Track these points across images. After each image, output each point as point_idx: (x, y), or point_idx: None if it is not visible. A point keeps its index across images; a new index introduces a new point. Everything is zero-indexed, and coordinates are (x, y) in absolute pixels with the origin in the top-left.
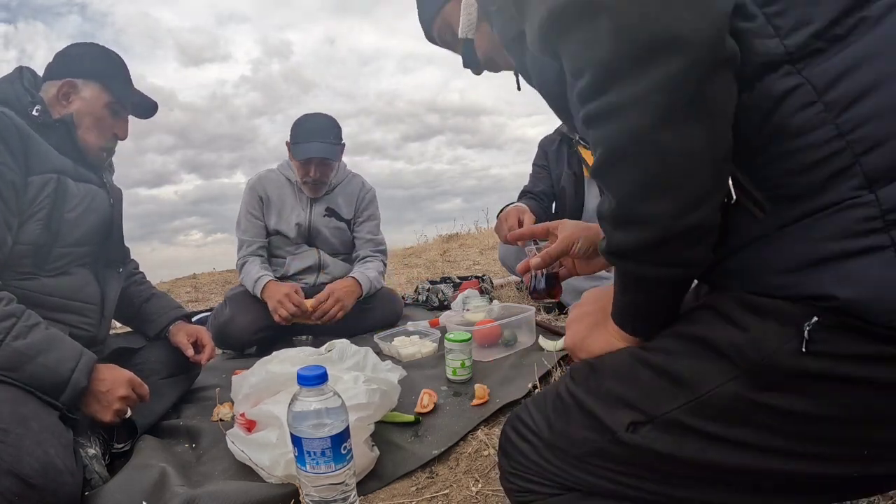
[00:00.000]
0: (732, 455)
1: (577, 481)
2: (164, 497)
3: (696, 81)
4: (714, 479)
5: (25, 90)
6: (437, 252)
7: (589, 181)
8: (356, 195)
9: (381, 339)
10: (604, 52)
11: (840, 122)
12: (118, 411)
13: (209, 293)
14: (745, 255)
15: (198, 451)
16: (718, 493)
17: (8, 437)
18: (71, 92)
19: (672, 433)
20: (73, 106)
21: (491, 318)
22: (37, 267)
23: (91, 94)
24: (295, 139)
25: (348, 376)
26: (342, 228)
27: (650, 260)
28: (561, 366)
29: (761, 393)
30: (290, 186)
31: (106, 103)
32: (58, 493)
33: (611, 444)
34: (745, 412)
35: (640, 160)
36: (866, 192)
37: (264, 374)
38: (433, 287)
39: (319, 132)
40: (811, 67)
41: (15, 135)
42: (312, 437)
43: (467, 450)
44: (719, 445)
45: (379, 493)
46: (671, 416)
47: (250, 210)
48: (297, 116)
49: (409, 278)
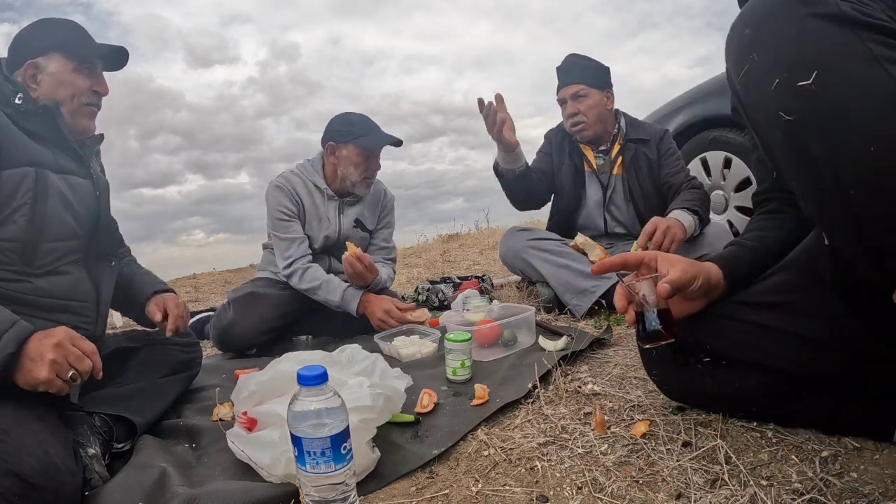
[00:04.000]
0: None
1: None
2: (164, 497)
3: None
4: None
5: (6, 79)
6: (437, 252)
7: (589, 175)
8: (379, 203)
9: (382, 339)
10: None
11: None
12: (53, 362)
13: (209, 293)
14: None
15: (198, 451)
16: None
17: (8, 436)
18: (36, 72)
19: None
20: (45, 85)
21: (491, 318)
22: (25, 265)
23: (56, 66)
24: (354, 135)
25: (354, 380)
26: (365, 238)
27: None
28: (561, 366)
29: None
30: (318, 194)
31: (73, 68)
32: (58, 492)
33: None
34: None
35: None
36: None
37: (273, 372)
38: (433, 287)
39: (374, 126)
40: None
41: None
42: (312, 437)
43: (467, 450)
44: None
45: (379, 493)
46: None
47: (284, 211)
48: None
49: (409, 278)
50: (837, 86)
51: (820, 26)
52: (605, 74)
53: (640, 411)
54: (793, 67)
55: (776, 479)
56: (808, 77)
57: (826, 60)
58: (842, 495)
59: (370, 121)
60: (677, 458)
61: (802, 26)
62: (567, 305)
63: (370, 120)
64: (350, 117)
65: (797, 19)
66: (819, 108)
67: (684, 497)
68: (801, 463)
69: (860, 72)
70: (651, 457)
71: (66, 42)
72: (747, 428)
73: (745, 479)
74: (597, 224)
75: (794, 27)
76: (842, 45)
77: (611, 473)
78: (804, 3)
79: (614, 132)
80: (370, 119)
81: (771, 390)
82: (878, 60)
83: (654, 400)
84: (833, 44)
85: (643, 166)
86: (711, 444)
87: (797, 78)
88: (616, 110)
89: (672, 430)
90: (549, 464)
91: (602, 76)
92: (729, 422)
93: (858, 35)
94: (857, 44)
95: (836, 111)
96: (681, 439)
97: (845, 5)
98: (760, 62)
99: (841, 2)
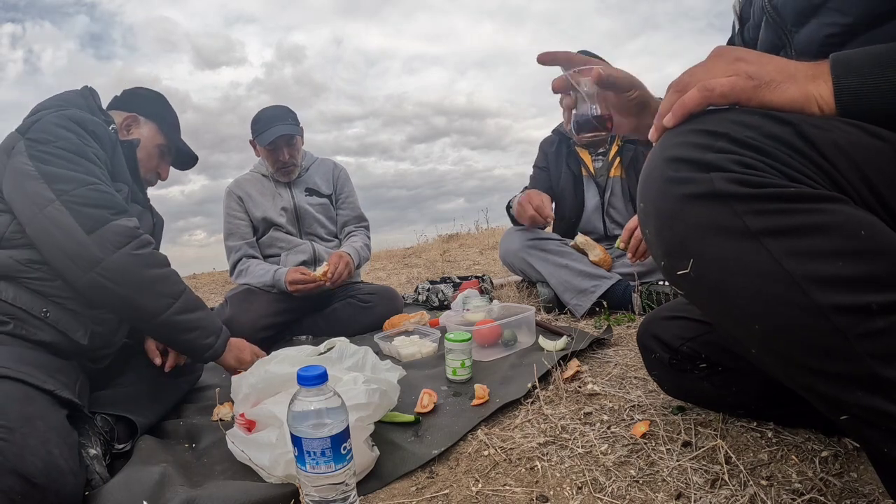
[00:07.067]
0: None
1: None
2: (164, 497)
3: None
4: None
5: (98, 108)
6: (437, 252)
7: (587, 180)
8: (331, 173)
9: (381, 339)
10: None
11: None
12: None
13: (209, 293)
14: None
15: (198, 451)
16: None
17: (13, 435)
18: (133, 124)
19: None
20: (132, 138)
21: (491, 318)
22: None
23: (149, 131)
24: (257, 132)
25: (348, 377)
26: (325, 204)
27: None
28: (560, 365)
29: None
30: (266, 180)
31: (158, 144)
32: (60, 493)
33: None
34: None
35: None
36: None
37: (263, 374)
38: (433, 287)
39: (277, 118)
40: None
41: (108, 142)
42: (312, 437)
43: (467, 450)
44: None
45: (379, 493)
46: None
47: (232, 213)
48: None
49: (409, 278)
50: (713, 271)
51: (692, 208)
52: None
53: (640, 411)
54: (671, 254)
55: (776, 479)
56: (686, 266)
57: (699, 246)
58: (842, 495)
59: (273, 115)
60: (677, 458)
61: (677, 208)
62: (567, 305)
63: (274, 113)
64: (258, 115)
65: (673, 200)
66: (700, 291)
67: (684, 497)
68: (801, 463)
69: (734, 251)
70: (651, 457)
71: (168, 123)
72: (747, 428)
73: (745, 479)
74: (596, 227)
75: (669, 209)
76: (715, 226)
77: (611, 473)
78: (678, 181)
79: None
80: (276, 111)
81: (770, 393)
82: (754, 235)
83: (654, 400)
84: (706, 226)
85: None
86: (711, 444)
87: (676, 266)
88: None
89: (672, 430)
90: (549, 464)
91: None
92: (729, 422)
93: (734, 209)
94: (732, 220)
95: (716, 293)
96: (681, 439)
97: (720, 179)
98: (650, 240)
99: (718, 174)
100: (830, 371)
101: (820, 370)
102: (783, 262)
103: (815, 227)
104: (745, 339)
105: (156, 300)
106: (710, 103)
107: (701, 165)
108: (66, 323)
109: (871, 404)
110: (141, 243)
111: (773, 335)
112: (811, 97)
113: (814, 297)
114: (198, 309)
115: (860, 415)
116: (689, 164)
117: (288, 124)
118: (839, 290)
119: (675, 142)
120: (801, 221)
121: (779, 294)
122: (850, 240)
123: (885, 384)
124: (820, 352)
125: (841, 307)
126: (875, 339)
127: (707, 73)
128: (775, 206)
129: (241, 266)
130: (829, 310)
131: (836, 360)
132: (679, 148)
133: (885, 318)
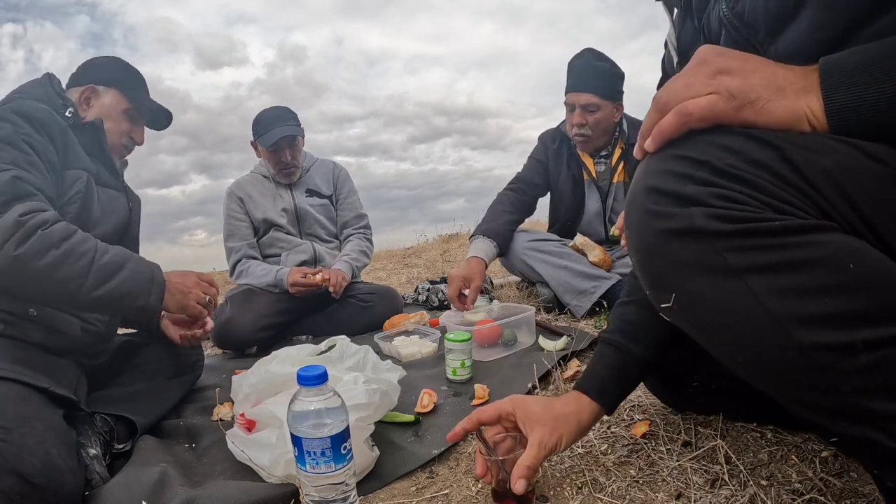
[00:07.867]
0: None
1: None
2: (164, 497)
3: None
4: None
5: (57, 93)
6: (437, 252)
7: (589, 184)
8: (331, 173)
9: (381, 338)
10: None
11: None
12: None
13: None
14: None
15: (198, 451)
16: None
17: (10, 435)
18: (92, 97)
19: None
20: (94, 110)
21: (491, 318)
22: None
23: (111, 99)
24: (258, 133)
25: (348, 376)
26: (326, 205)
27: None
28: (561, 365)
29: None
30: (267, 181)
31: (124, 109)
32: (59, 493)
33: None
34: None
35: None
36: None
37: (264, 373)
38: (433, 287)
39: (279, 119)
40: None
41: (57, 128)
42: (312, 437)
43: (467, 450)
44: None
45: (379, 493)
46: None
47: (232, 214)
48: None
49: (409, 278)
50: (695, 307)
51: (672, 244)
52: (619, 83)
53: (640, 411)
54: (655, 287)
55: (776, 479)
56: (669, 299)
57: (680, 283)
58: (842, 495)
59: (275, 116)
60: (677, 458)
61: (657, 243)
62: (567, 306)
63: (276, 114)
64: (259, 116)
65: (653, 234)
66: (684, 324)
67: (684, 497)
68: (800, 463)
69: (715, 289)
70: (651, 457)
71: (129, 85)
72: (747, 428)
73: (745, 479)
74: (598, 232)
75: (650, 244)
76: (695, 263)
77: (611, 473)
78: (657, 216)
79: (615, 135)
80: (277, 112)
81: (766, 405)
82: (735, 273)
83: (654, 400)
84: (686, 263)
85: None
86: (711, 444)
87: (660, 298)
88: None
89: (672, 430)
90: (549, 464)
91: (616, 85)
92: (729, 422)
93: (714, 247)
94: (712, 258)
95: (699, 328)
96: (681, 439)
97: (700, 215)
98: (636, 269)
99: (698, 209)
100: (816, 404)
101: (806, 402)
102: (766, 301)
103: (799, 263)
104: (731, 368)
105: (62, 286)
106: (689, 128)
107: (681, 199)
108: (55, 321)
109: (859, 434)
110: (26, 233)
111: (757, 370)
112: (801, 115)
113: (797, 337)
114: (115, 274)
115: (849, 442)
116: (668, 196)
117: (289, 125)
118: (823, 328)
119: (656, 168)
120: (785, 257)
121: (761, 333)
122: (836, 274)
123: (873, 416)
124: (805, 387)
125: (826, 346)
126: (861, 376)
127: (686, 89)
128: (757, 242)
129: (241, 266)
130: (812, 349)
131: (822, 395)
132: (659, 177)
133: (871, 354)
